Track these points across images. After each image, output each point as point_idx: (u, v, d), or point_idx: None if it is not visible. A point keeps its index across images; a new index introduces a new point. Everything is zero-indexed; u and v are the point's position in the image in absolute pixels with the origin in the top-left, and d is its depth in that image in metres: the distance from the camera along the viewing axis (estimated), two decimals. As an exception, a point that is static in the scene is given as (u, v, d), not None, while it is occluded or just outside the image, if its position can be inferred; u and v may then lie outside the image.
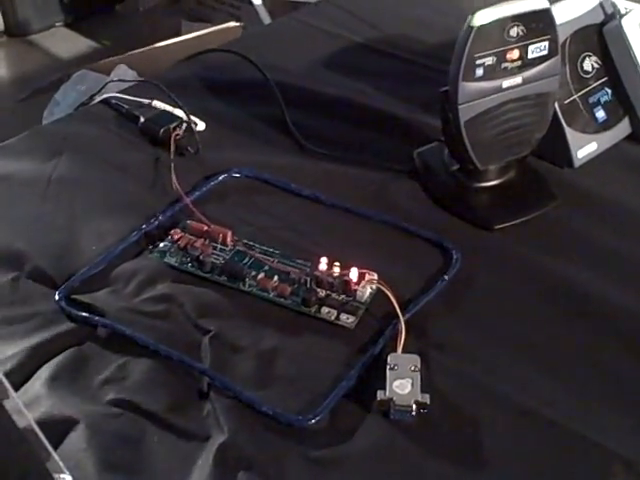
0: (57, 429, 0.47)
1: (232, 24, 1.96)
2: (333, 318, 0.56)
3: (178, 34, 2.69)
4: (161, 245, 0.61)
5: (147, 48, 1.81)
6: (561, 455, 0.47)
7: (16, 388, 0.48)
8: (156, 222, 0.63)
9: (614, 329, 0.56)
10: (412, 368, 0.51)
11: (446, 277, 0.59)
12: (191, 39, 1.87)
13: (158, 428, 0.48)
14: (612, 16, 0.74)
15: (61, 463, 0.39)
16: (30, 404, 0.48)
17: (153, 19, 2.98)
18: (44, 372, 0.51)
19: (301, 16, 0.99)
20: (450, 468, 0.46)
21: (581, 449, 0.47)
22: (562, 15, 0.72)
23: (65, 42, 2.86)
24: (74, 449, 0.46)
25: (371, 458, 0.47)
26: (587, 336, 0.56)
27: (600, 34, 0.74)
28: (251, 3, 2.07)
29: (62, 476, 0.39)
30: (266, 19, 2.05)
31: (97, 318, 0.55)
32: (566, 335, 0.56)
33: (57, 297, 0.56)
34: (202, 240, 0.61)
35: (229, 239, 0.61)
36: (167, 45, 1.91)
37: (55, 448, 0.43)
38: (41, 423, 0.40)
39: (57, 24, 2.88)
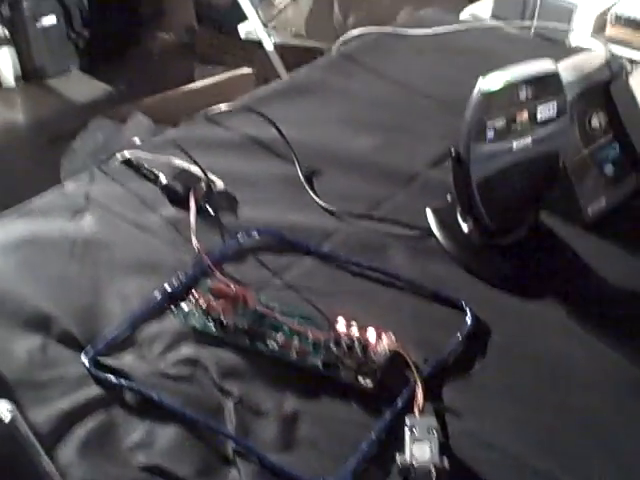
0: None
1: (244, 70, 2.00)
2: (352, 380, 0.57)
3: (191, 77, 2.75)
4: (184, 306, 0.63)
5: (161, 95, 1.85)
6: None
7: (48, 453, 0.50)
8: (178, 282, 0.65)
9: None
10: (430, 430, 0.52)
11: (460, 336, 0.61)
12: (205, 86, 1.92)
13: (185, 493, 0.49)
14: (618, 74, 0.76)
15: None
16: (63, 470, 0.50)
17: (166, 62, 3.03)
18: (75, 438, 0.52)
19: (314, 71, 1.02)
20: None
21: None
22: (569, 73, 0.74)
23: (80, 85, 2.91)
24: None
25: (392, 522, 0.48)
26: (599, 401, 0.57)
27: (607, 91, 0.76)
28: (262, 46, 2.11)
29: None
30: (278, 64, 2.09)
31: (124, 382, 0.56)
32: (580, 397, 0.57)
33: (84, 360, 0.58)
34: (223, 301, 0.63)
35: (250, 300, 0.63)
36: (181, 91, 1.96)
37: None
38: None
39: (72, 68, 2.95)
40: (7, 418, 0.39)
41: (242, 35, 2.08)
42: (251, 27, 2.02)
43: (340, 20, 1.85)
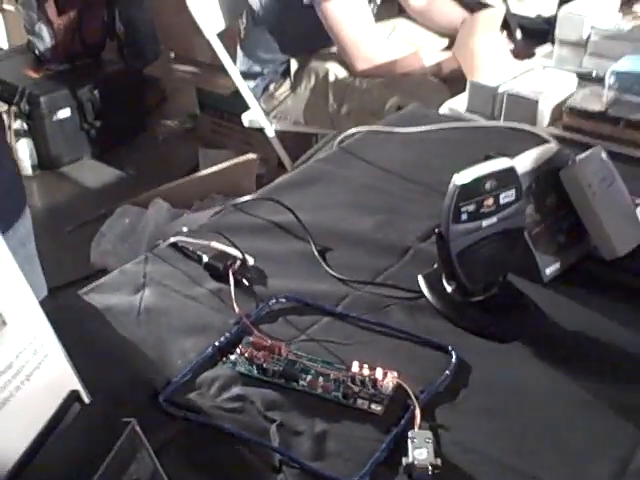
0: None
1: (249, 156, 2.21)
2: (366, 407, 0.75)
3: (195, 160, 2.96)
4: (232, 357, 0.81)
5: (176, 182, 2.05)
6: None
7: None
8: (225, 339, 0.83)
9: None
10: (426, 440, 0.69)
11: (447, 372, 0.79)
12: (214, 171, 2.12)
13: (247, 493, 0.67)
14: (566, 162, 0.95)
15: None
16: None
17: (171, 147, 3.25)
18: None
19: (320, 164, 1.21)
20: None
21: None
22: (527, 164, 0.93)
23: (93, 173, 3.12)
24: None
25: (401, 505, 0.65)
26: (557, 416, 0.75)
27: (557, 176, 0.95)
28: (263, 132, 2.31)
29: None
30: (279, 148, 2.30)
31: (192, 415, 0.74)
32: (543, 413, 0.75)
33: (161, 400, 0.76)
34: (263, 352, 0.81)
35: (283, 350, 0.81)
36: (193, 178, 2.16)
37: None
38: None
39: (85, 156, 3.16)
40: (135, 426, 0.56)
41: (245, 123, 2.28)
42: (253, 116, 2.23)
43: (335, 109, 2.05)
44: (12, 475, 0.50)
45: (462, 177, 0.81)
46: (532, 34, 2.55)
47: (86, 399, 0.58)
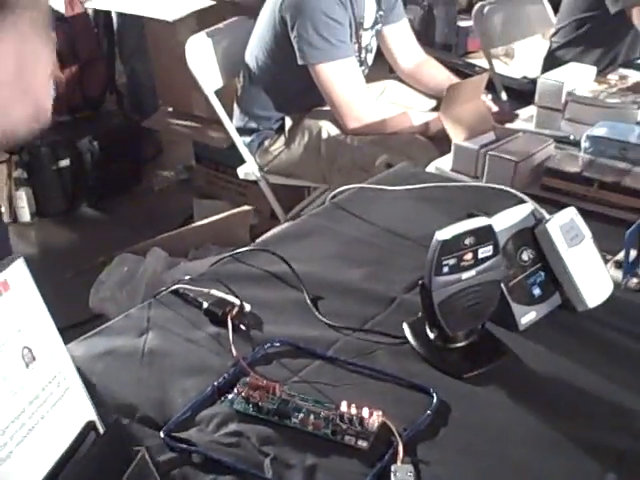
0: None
1: (245, 208, 2.28)
2: (353, 443, 0.81)
3: (190, 210, 3.04)
4: (229, 396, 0.87)
5: (173, 232, 2.12)
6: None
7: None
8: (224, 380, 0.90)
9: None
10: (408, 474, 0.76)
11: (429, 412, 0.85)
12: (209, 222, 2.19)
13: (243, 519, 0.73)
14: (540, 221, 1.03)
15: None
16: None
17: (167, 197, 3.33)
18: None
19: (314, 218, 1.29)
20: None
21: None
22: (504, 222, 1.01)
23: (90, 221, 3.20)
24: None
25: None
26: (528, 453, 0.81)
27: (532, 234, 1.03)
28: (256, 183, 2.40)
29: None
30: (273, 201, 2.38)
31: (192, 448, 0.80)
32: (515, 451, 0.81)
33: (162, 435, 0.82)
34: (258, 391, 0.87)
35: (277, 390, 0.87)
36: (189, 228, 2.23)
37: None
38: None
39: (82, 205, 3.24)
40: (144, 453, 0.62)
41: (241, 176, 2.37)
42: (249, 169, 2.31)
43: (327, 165, 2.14)
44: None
45: (444, 233, 0.89)
46: (517, 94, 2.67)
47: (101, 429, 0.64)
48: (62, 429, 0.61)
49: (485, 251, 0.92)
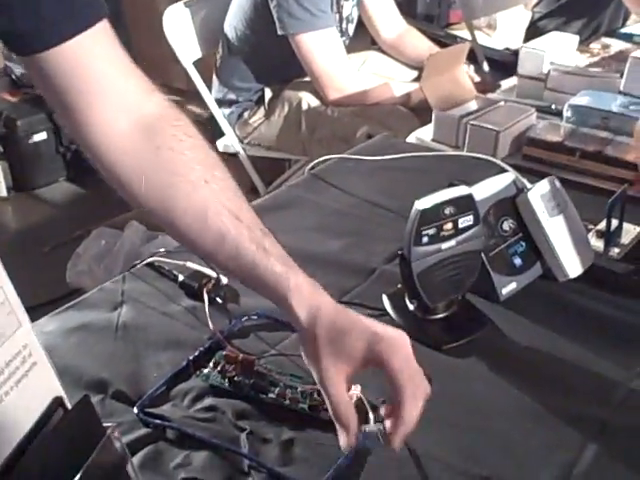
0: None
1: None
2: (329, 418, 0.79)
3: (171, 184, 3.00)
4: (205, 370, 0.85)
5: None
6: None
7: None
8: (199, 353, 0.88)
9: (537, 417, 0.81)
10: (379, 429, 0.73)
11: (409, 385, 0.84)
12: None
13: (218, 494, 0.71)
14: (521, 190, 1.01)
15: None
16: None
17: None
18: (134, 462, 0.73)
19: (292, 189, 1.27)
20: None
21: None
22: (485, 191, 0.99)
23: (68, 195, 3.16)
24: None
25: (362, 506, 0.70)
26: (508, 424, 0.80)
27: (513, 203, 1.01)
28: (236, 156, 2.37)
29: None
30: (252, 173, 2.35)
31: (166, 424, 0.78)
32: (495, 422, 0.80)
33: (135, 410, 0.80)
34: (234, 366, 0.85)
35: (253, 364, 0.85)
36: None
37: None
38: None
39: (60, 179, 3.19)
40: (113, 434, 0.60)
41: (220, 148, 2.34)
42: (228, 142, 2.28)
43: (307, 136, 2.12)
44: (-2, 476, 0.54)
45: (423, 203, 0.87)
46: (499, 66, 2.65)
47: (69, 405, 0.62)
48: (28, 406, 0.59)
49: (465, 221, 0.90)
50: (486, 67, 2.62)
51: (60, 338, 0.92)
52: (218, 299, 0.97)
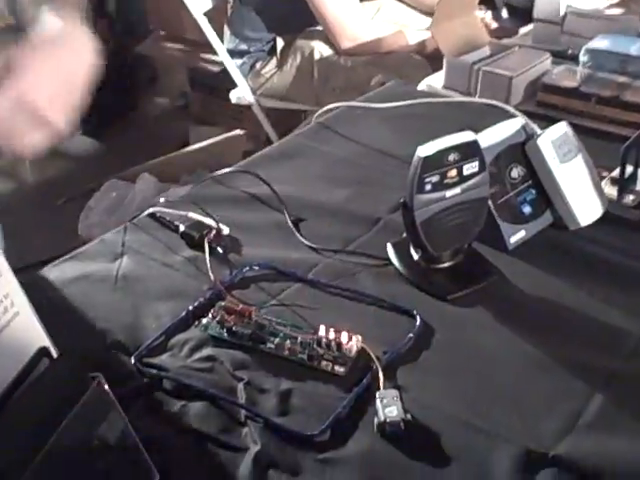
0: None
1: (237, 132, 2.23)
2: (330, 369, 0.78)
3: (186, 137, 2.98)
4: (204, 321, 0.84)
5: (164, 157, 2.07)
6: (483, 452, 0.69)
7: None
8: (199, 304, 0.86)
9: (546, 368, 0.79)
10: (394, 398, 0.73)
11: (411, 335, 0.82)
12: (201, 147, 2.15)
13: (213, 444, 0.70)
14: (531, 136, 0.98)
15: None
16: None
17: (162, 124, 3.27)
18: (130, 412, 0.72)
19: (298, 138, 1.24)
20: (417, 466, 0.68)
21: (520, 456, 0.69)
22: (493, 137, 0.96)
23: (84, 148, 3.14)
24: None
25: (359, 457, 0.69)
26: (513, 375, 0.78)
27: (523, 150, 0.98)
28: (251, 109, 2.34)
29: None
30: (266, 124, 2.33)
31: (163, 374, 0.77)
32: (499, 373, 0.78)
33: (133, 361, 0.79)
34: (234, 316, 0.84)
35: (253, 315, 0.84)
36: (181, 153, 2.19)
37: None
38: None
39: (77, 133, 3.18)
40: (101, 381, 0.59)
41: (233, 100, 2.31)
42: (241, 93, 2.25)
43: (320, 86, 2.08)
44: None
45: (425, 149, 0.84)
46: (519, 13, 2.57)
47: (55, 355, 0.61)
48: (11, 356, 0.58)
49: (470, 167, 0.87)
50: (505, 13, 2.55)
51: (60, 288, 0.90)
52: (219, 249, 0.95)
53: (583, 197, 0.98)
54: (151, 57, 3.36)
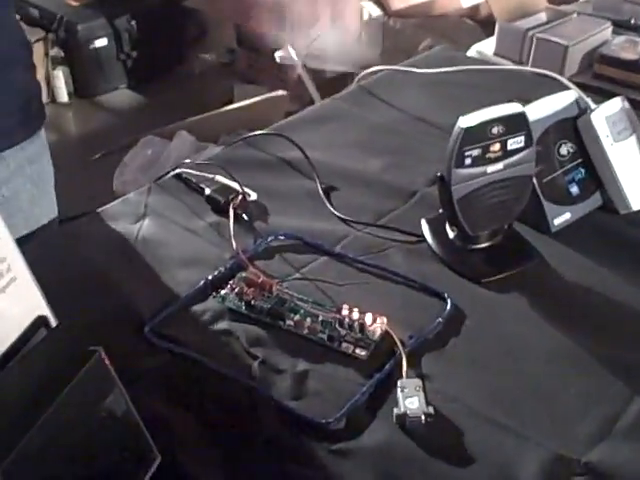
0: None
1: (279, 92, 2.18)
2: (350, 351, 0.73)
3: (231, 95, 2.93)
4: (222, 292, 0.80)
5: (203, 115, 2.03)
6: (509, 453, 0.64)
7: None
8: (219, 274, 0.82)
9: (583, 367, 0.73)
10: (417, 389, 0.68)
11: (440, 320, 0.77)
12: (242, 106, 2.10)
13: (223, 426, 0.66)
14: (584, 111, 0.91)
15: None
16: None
17: (208, 81, 3.23)
18: (142, 381, 0.69)
19: (336, 102, 1.19)
20: (436, 463, 0.64)
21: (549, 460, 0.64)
22: (543, 110, 0.90)
23: (128, 103, 3.12)
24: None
25: (375, 450, 0.64)
26: (543, 368, 0.73)
27: (574, 125, 0.91)
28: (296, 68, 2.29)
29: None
30: (310, 85, 2.27)
31: (176, 349, 0.73)
32: (530, 365, 0.73)
33: (146, 330, 0.75)
34: (253, 289, 0.79)
35: (274, 288, 0.79)
36: (221, 112, 2.14)
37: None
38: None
39: (121, 86, 3.15)
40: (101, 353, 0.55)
41: (278, 60, 2.26)
42: (286, 54, 2.19)
43: (367, 48, 2.01)
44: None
45: (467, 120, 0.78)
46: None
47: (54, 325, 0.57)
48: (7, 323, 0.54)
49: (515, 142, 0.81)
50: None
51: (77, 248, 0.87)
52: (245, 216, 0.91)
53: (637, 179, 0.91)
54: (200, 11, 3.31)
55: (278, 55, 2.22)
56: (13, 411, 0.52)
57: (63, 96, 3.05)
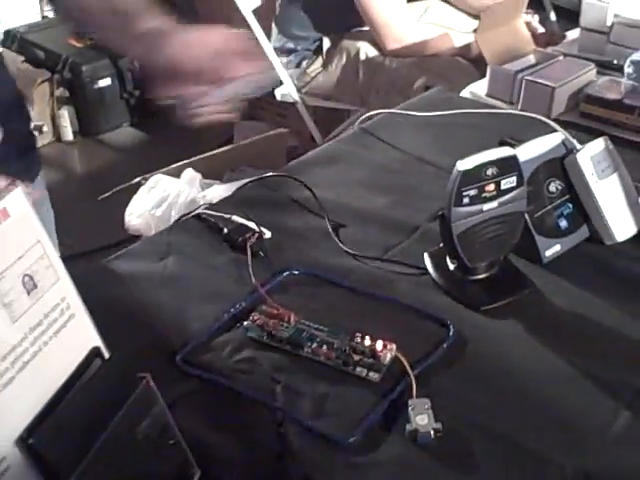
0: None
1: (281, 130, 2.26)
2: (364, 375, 0.81)
3: (231, 131, 3.02)
4: (245, 323, 0.87)
5: (209, 154, 2.11)
6: (513, 465, 0.72)
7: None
8: (240, 307, 0.90)
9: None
10: (426, 407, 0.75)
11: (445, 346, 0.84)
12: (245, 144, 2.18)
13: (251, 444, 0.73)
14: (570, 151, 1.00)
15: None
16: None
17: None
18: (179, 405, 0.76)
19: (341, 144, 1.27)
20: (446, 472, 0.71)
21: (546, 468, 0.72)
22: (532, 151, 0.98)
23: (131, 140, 3.21)
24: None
25: (390, 462, 0.72)
26: (540, 388, 0.80)
27: (562, 164, 1.00)
28: (295, 106, 2.37)
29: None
30: (309, 122, 2.35)
31: (206, 375, 0.81)
32: (529, 386, 0.81)
33: (178, 359, 0.83)
34: (273, 320, 0.87)
35: (292, 319, 0.87)
36: (225, 150, 2.22)
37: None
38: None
39: (124, 124, 3.24)
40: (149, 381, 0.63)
41: (278, 97, 2.35)
42: (286, 91, 2.28)
43: (364, 87, 2.10)
44: (34, 423, 0.56)
45: (464, 163, 0.86)
46: (568, 14, 2.56)
47: (106, 355, 0.65)
48: (66, 356, 0.61)
49: (508, 182, 0.89)
50: (553, 16, 2.55)
51: (107, 287, 0.94)
52: (261, 253, 0.98)
53: (620, 213, 0.99)
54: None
55: (279, 92, 2.31)
56: (72, 439, 0.58)
57: (68, 135, 3.13)
